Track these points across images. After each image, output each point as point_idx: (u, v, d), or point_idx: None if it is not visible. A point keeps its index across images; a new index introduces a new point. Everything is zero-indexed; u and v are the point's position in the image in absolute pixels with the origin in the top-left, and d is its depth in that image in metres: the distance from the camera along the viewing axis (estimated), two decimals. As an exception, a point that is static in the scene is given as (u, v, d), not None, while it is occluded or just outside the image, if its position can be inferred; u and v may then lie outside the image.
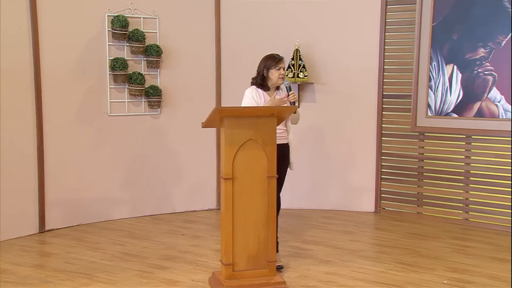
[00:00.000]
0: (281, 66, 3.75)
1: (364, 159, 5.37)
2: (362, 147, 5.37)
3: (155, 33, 5.05)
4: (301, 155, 5.46)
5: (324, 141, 5.37)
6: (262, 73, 3.76)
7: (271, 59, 3.76)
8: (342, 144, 5.39)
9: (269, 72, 3.74)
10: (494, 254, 4.11)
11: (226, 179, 3.26)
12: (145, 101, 5.08)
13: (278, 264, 3.68)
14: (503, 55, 4.62)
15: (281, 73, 3.74)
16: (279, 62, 3.74)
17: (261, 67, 3.78)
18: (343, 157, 5.42)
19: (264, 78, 3.76)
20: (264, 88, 3.76)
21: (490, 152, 4.78)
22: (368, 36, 5.21)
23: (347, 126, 5.40)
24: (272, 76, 3.73)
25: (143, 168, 5.16)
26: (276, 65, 3.73)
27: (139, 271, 3.71)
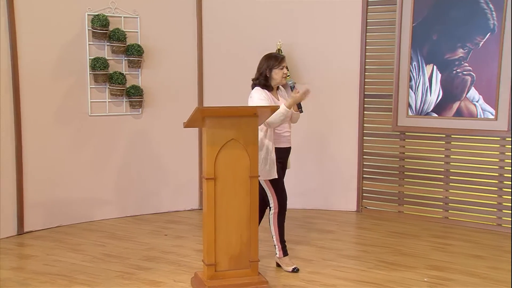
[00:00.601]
0: (284, 65, 3.70)
1: (346, 158, 5.41)
2: (344, 147, 5.41)
3: (136, 33, 5.01)
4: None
5: (306, 141, 5.39)
6: (265, 73, 3.68)
7: (274, 59, 3.69)
8: (324, 144, 5.42)
9: (272, 71, 3.67)
10: (473, 252, 4.17)
11: (208, 179, 3.25)
12: (127, 101, 5.04)
13: (294, 267, 3.71)
14: (481, 55, 4.69)
15: (284, 72, 3.69)
16: (282, 61, 3.69)
17: (263, 67, 3.69)
18: (325, 156, 5.45)
19: (267, 78, 3.69)
20: (267, 88, 3.70)
21: (469, 151, 4.85)
22: (350, 36, 5.24)
23: (329, 125, 5.43)
24: (276, 75, 3.68)
25: (124, 168, 5.12)
26: (279, 64, 3.67)
27: (120, 272, 3.68)
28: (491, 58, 4.63)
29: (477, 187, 4.83)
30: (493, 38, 4.61)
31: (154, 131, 5.22)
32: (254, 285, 3.29)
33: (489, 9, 4.61)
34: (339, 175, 5.45)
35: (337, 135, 5.41)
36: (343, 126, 5.39)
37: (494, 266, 3.86)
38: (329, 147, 5.42)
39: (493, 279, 3.60)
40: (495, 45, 4.60)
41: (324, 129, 5.45)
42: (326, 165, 5.45)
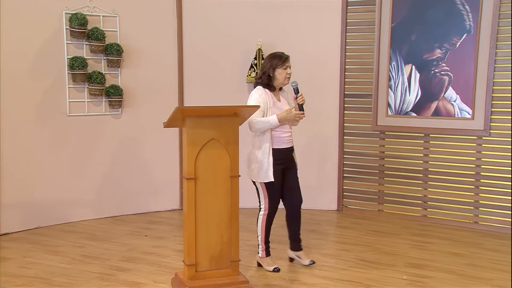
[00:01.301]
0: (288, 65, 3.61)
1: (326, 158, 5.44)
2: (325, 146, 5.44)
3: (116, 32, 4.96)
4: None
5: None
6: (268, 72, 3.60)
7: (277, 58, 3.60)
8: (305, 143, 5.43)
9: (276, 71, 3.59)
10: (451, 249, 4.23)
11: (188, 179, 3.24)
12: (106, 101, 4.99)
13: (275, 267, 3.73)
14: (458, 56, 4.76)
15: (288, 72, 3.61)
16: (285, 61, 3.60)
17: (266, 67, 3.62)
18: (305, 156, 5.46)
19: (270, 78, 3.61)
20: (270, 88, 3.63)
21: (447, 150, 4.92)
22: (330, 36, 5.27)
23: (309, 125, 5.44)
24: (279, 76, 3.60)
25: (104, 169, 5.06)
26: (283, 64, 3.59)
27: (100, 273, 3.64)
28: (468, 58, 4.70)
29: (455, 186, 4.91)
30: (470, 38, 4.69)
31: (134, 131, 5.18)
32: (235, 285, 3.29)
33: (465, 10, 4.69)
34: (319, 175, 5.48)
35: (318, 135, 5.44)
36: (324, 125, 5.42)
37: (471, 263, 3.92)
38: (309, 147, 5.44)
39: (470, 276, 3.66)
40: (472, 46, 4.67)
41: (304, 129, 5.46)
42: (307, 164, 5.46)
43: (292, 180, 3.75)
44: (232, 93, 5.36)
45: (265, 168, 3.56)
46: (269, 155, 3.56)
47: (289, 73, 3.62)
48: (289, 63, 3.62)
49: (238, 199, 3.37)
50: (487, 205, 4.79)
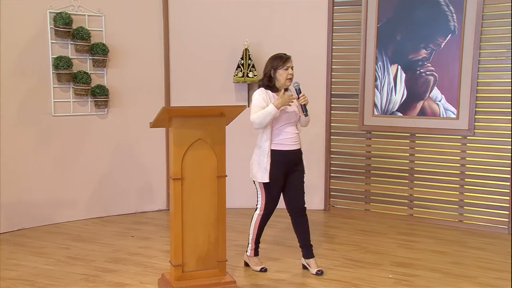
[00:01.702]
0: (289, 66, 3.53)
1: (313, 157, 5.45)
2: (311, 146, 5.44)
3: (101, 31, 4.93)
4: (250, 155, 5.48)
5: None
6: (269, 74, 3.55)
7: (278, 59, 3.54)
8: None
9: (277, 72, 3.52)
10: (436, 248, 4.27)
11: (175, 179, 3.23)
12: (92, 101, 4.95)
13: (262, 267, 3.72)
14: (443, 56, 4.80)
15: (289, 73, 3.53)
16: (286, 62, 3.53)
17: (267, 68, 3.56)
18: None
19: (271, 79, 3.55)
20: (272, 89, 3.57)
21: (432, 150, 4.97)
22: (317, 36, 5.29)
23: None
24: (280, 77, 3.53)
25: (90, 169, 5.02)
26: (284, 64, 3.52)
27: (85, 275, 3.61)
28: (452, 59, 4.75)
29: (440, 185, 4.95)
30: (454, 39, 4.74)
31: (120, 131, 5.14)
32: (222, 285, 3.29)
33: (449, 11, 4.73)
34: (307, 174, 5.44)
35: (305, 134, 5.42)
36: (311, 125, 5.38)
37: (456, 261, 3.96)
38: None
39: (455, 274, 3.70)
40: (456, 46, 4.72)
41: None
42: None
43: (295, 184, 3.63)
44: (219, 93, 5.36)
45: (263, 167, 3.53)
46: (268, 155, 3.51)
47: (291, 73, 3.54)
48: (290, 63, 3.55)
49: (225, 199, 3.37)
50: (471, 204, 4.84)
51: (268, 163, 3.52)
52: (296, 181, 3.63)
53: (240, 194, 5.46)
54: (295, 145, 3.60)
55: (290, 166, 3.59)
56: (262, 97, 3.52)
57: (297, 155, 3.63)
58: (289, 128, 3.58)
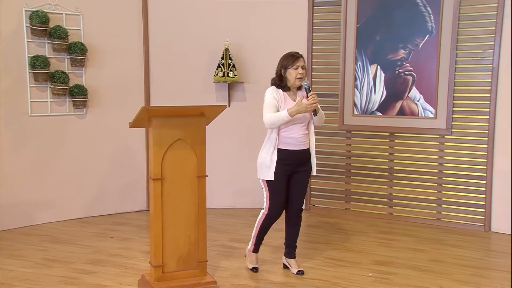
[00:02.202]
0: (299, 65, 3.45)
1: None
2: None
3: (79, 30, 4.86)
4: (231, 154, 5.48)
5: (255, 140, 5.39)
6: (280, 73, 3.50)
7: (288, 58, 3.48)
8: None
9: (287, 71, 3.47)
10: (415, 246, 4.32)
11: (155, 179, 3.21)
12: (70, 101, 4.89)
13: (253, 266, 3.70)
14: (421, 56, 4.87)
15: (299, 72, 3.45)
16: (296, 61, 3.46)
17: (278, 67, 3.51)
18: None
19: (282, 79, 3.50)
20: (283, 89, 3.50)
21: (411, 149, 5.02)
22: (297, 36, 5.30)
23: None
24: (290, 76, 3.46)
25: (69, 170, 4.96)
26: (293, 63, 3.45)
27: (63, 277, 3.56)
28: (430, 59, 4.81)
29: (419, 184, 5.01)
30: (432, 39, 4.80)
31: (99, 131, 5.09)
32: (202, 286, 3.28)
33: (427, 12, 4.80)
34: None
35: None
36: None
37: (434, 259, 4.01)
38: (277, 146, 5.46)
39: (434, 271, 3.75)
40: (434, 47, 4.79)
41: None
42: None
43: (298, 184, 3.57)
44: (200, 93, 5.34)
45: (267, 165, 3.49)
46: (273, 154, 3.47)
47: (301, 73, 3.45)
48: (300, 62, 3.47)
49: (206, 199, 3.36)
50: (449, 202, 4.91)
51: (273, 162, 3.47)
52: (299, 181, 3.58)
53: (221, 194, 5.45)
54: (302, 145, 3.52)
55: (296, 166, 3.53)
56: (273, 96, 3.48)
57: (304, 155, 3.55)
58: (298, 128, 3.50)
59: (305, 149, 3.55)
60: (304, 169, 3.58)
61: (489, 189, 4.72)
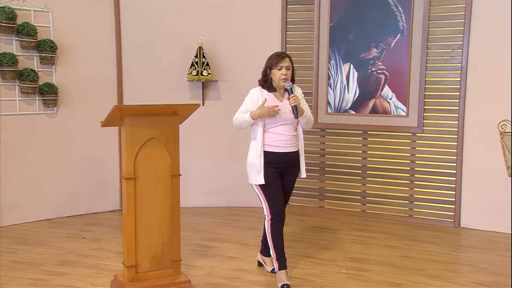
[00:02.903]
0: (283, 65, 3.34)
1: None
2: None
3: (49, 28, 4.76)
4: (206, 153, 5.45)
5: (229, 139, 5.39)
6: (266, 73, 3.40)
7: (273, 57, 3.38)
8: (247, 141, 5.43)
9: (272, 72, 3.37)
10: (388, 242, 4.38)
11: (127, 179, 3.16)
12: (40, 100, 4.78)
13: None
14: (393, 55, 4.93)
15: (283, 73, 3.33)
16: (280, 61, 3.34)
17: (264, 67, 3.42)
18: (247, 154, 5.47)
19: (267, 79, 3.39)
20: (269, 89, 3.40)
21: (383, 147, 5.09)
22: (271, 35, 5.31)
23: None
24: (274, 76, 3.36)
25: (38, 170, 4.85)
26: (277, 64, 3.34)
27: (32, 279, 3.48)
28: (402, 58, 4.88)
29: (391, 181, 5.08)
30: (403, 39, 4.87)
31: (70, 131, 4.99)
32: (176, 285, 3.25)
33: (398, 11, 4.87)
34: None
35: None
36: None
37: (406, 255, 4.08)
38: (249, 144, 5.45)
39: (406, 267, 3.80)
40: (405, 46, 4.86)
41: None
42: (249, 162, 5.48)
43: (284, 187, 3.46)
44: (173, 91, 5.29)
45: (257, 169, 3.36)
46: (261, 156, 3.35)
47: (284, 73, 3.34)
48: (285, 63, 3.36)
49: (179, 198, 3.33)
50: (420, 199, 5.00)
51: (261, 165, 3.35)
52: (285, 185, 3.47)
53: (196, 193, 5.42)
54: (289, 148, 3.41)
55: (285, 168, 3.43)
56: (252, 98, 3.40)
57: (292, 157, 3.44)
58: (284, 129, 3.40)
59: (294, 152, 3.45)
60: (292, 173, 3.48)
61: (458, 185, 4.82)
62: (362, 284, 3.49)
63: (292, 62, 3.44)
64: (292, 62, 3.43)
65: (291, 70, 3.41)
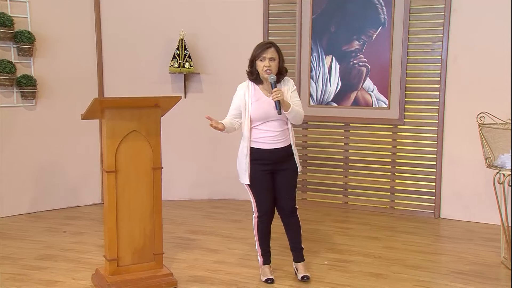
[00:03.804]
0: (266, 56, 3.15)
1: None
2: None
3: (26, 18, 4.67)
4: (188, 146, 5.43)
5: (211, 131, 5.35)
6: (251, 64, 3.23)
7: (256, 48, 3.20)
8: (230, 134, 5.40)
9: (256, 63, 3.19)
10: (369, 234, 4.42)
11: (108, 172, 3.14)
12: (18, 92, 4.70)
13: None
14: (374, 47, 4.96)
15: (265, 64, 3.14)
16: (263, 52, 3.15)
17: (250, 57, 3.24)
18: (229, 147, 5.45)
19: (253, 71, 3.23)
20: (256, 81, 3.25)
21: (365, 139, 5.13)
22: (253, 27, 5.29)
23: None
24: (258, 68, 3.19)
25: (17, 163, 4.78)
26: (260, 55, 3.15)
27: (11, 274, 3.44)
28: (383, 51, 4.91)
29: (373, 173, 5.12)
30: (384, 31, 4.90)
31: (50, 123, 4.92)
32: (158, 278, 3.24)
33: (380, 4, 4.88)
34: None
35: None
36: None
37: (387, 246, 4.12)
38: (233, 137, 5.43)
39: (387, 258, 3.85)
40: (386, 38, 4.88)
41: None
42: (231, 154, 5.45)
43: (282, 184, 3.32)
44: (155, 84, 5.24)
45: (243, 168, 3.28)
46: (247, 155, 3.26)
47: (267, 65, 3.15)
48: (268, 54, 3.16)
49: (161, 191, 3.32)
50: (401, 190, 5.05)
51: (247, 164, 3.26)
52: (282, 181, 3.32)
53: (178, 186, 5.40)
54: (277, 144, 3.26)
55: (275, 165, 3.29)
56: (238, 95, 3.27)
57: (281, 153, 3.28)
58: (271, 125, 3.25)
59: (284, 147, 3.29)
60: (286, 168, 3.31)
61: (438, 177, 4.88)
62: (344, 275, 3.53)
63: (280, 52, 3.24)
64: (279, 52, 3.23)
65: (276, 61, 3.21)
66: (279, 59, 3.24)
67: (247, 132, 3.28)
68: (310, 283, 3.40)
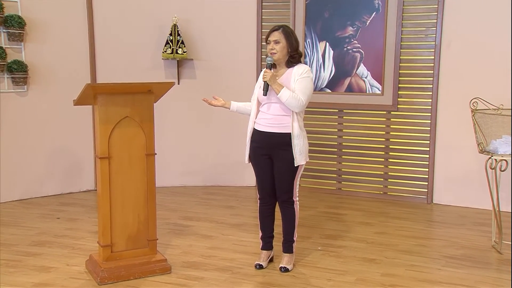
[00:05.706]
0: (271, 39, 3.15)
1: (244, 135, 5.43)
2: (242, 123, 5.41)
3: (16, 3, 4.61)
4: (182, 132, 5.42)
5: (206, 117, 5.36)
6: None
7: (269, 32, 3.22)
8: (220, 120, 5.41)
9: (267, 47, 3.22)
10: (362, 219, 4.45)
11: (102, 158, 3.13)
12: (9, 77, 4.65)
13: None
14: (368, 33, 4.94)
15: (270, 47, 3.16)
16: (269, 35, 3.17)
17: None
18: (224, 133, 5.46)
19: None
20: (274, 65, 3.22)
21: (359, 125, 5.13)
22: (246, 13, 5.25)
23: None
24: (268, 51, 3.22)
25: (10, 149, 4.75)
26: (267, 38, 3.19)
27: (5, 260, 3.44)
28: (377, 36, 4.90)
29: (366, 159, 5.14)
30: (378, 17, 4.88)
31: (42, 109, 4.89)
32: (152, 264, 3.25)
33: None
34: (238, 151, 5.48)
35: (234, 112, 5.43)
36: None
37: (380, 231, 4.15)
38: (226, 123, 5.43)
39: (380, 243, 3.88)
40: (380, 24, 4.87)
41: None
42: (227, 141, 5.47)
43: (276, 172, 3.27)
44: (148, 70, 5.21)
45: (247, 147, 3.33)
46: (249, 134, 3.30)
47: (271, 48, 3.15)
48: (273, 36, 3.15)
49: (155, 177, 3.32)
50: (394, 176, 5.08)
51: (248, 144, 3.31)
52: (276, 170, 3.27)
53: (172, 172, 5.39)
54: (271, 127, 3.20)
55: (270, 150, 3.24)
56: (260, 78, 3.27)
57: (277, 139, 3.20)
58: (267, 108, 3.22)
59: (281, 133, 3.19)
60: (282, 157, 3.20)
61: (431, 162, 4.91)
62: (337, 260, 3.55)
63: (289, 35, 3.17)
64: (287, 35, 3.16)
65: (282, 44, 3.15)
66: (287, 42, 3.17)
67: (253, 112, 3.32)
68: (304, 268, 3.41)
